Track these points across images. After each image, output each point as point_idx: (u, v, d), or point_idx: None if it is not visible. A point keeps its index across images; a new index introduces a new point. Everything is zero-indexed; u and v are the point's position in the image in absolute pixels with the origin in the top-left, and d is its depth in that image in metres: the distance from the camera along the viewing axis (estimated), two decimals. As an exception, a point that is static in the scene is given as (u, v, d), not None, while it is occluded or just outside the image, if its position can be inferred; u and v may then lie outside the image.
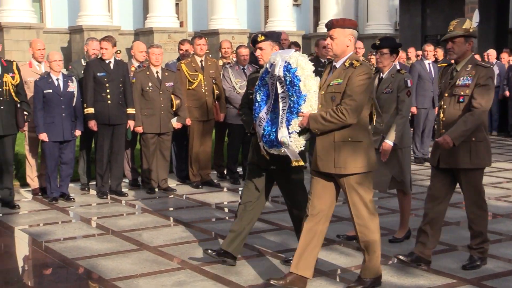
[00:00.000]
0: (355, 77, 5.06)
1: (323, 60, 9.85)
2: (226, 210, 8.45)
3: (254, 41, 5.93)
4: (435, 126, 6.11)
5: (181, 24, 35.26)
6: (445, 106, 5.79)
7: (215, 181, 9.90)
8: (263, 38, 5.85)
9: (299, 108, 5.18)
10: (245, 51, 9.70)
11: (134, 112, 8.90)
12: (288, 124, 5.23)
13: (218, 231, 7.18)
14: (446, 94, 5.78)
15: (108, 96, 8.72)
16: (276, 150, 5.37)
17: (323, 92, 5.21)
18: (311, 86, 5.23)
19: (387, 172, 6.52)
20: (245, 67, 9.71)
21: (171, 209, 8.49)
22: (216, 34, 33.92)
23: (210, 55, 10.32)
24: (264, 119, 5.50)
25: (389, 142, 6.40)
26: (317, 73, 5.38)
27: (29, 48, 9.18)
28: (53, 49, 9.62)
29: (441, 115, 5.83)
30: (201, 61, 9.48)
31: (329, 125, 5.05)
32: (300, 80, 5.21)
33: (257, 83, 5.66)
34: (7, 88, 8.01)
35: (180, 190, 9.46)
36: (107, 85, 8.71)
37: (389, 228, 7.03)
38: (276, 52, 5.51)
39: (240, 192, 9.25)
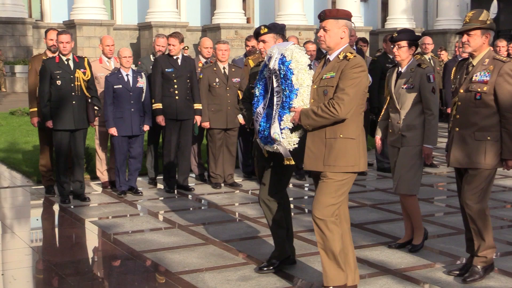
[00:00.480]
0: (348, 70, 4.75)
1: (391, 56, 9.72)
2: (291, 206, 8.43)
3: (257, 34, 5.75)
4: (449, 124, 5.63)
5: (248, 20, 35.32)
6: (459, 103, 5.38)
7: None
8: (266, 30, 5.64)
9: (290, 103, 4.96)
10: (312, 47, 9.63)
11: (201, 107, 8.96)
12: (280, 119, 5.01)
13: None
14: (462, 90, 5.36)
15: (176, 92, 8.79)
16: (270, 147, 5.19)
17: (315, 86, 4.92)
18: (304, 80, 4.99)
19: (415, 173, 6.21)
20: (312, 63, 9.65)
21: (236, 204, 8.52)
22: (283, 30, 33.84)
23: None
24: (261, 114, 5.32)
25: (429, 146, 6.11)
26: (385, 69, 5.29)
27: (99, 44, 9.36)
28: (122, 45, 9.77)
29: (454, 112, 5.44)
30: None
31: (321, 121, 4.75)
32: (293, 74, 5.00)
33: (257, 77, 5.54)
34: (79, 83, 8.17)
35: (245, 186, 9.47)
36: (174, 80, 8.78)
37: (458, 227, 6.79)
38: (275, 45, 5.35)
39: (306, 189, 9.28)
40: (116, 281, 5.76)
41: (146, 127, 8.82)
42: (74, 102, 8.13)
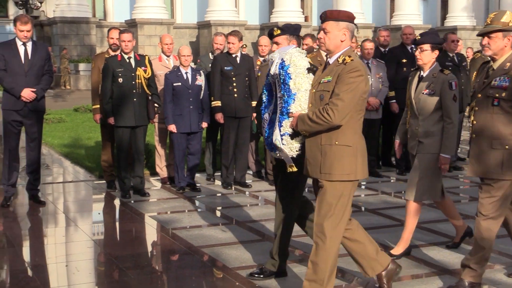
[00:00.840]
0: (344, 75, 4.49)
1: (451, 55, 9.58)
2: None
3: (270, 35, 5.51)
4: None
5: (305, 19, 35.24)
6: (477, 108, 5.04)
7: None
8: (279, 32, 5.40)
9: (288, 108, 4.77)
10: (369, 45, 9.55)
11: (259, 105, 8.96)
12: (280, 125, 4.84)
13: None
14: (480, 95, 5.02)
15: (235, 90, 8.81)
16: (274, 154, 5.06)
17: (314, 90, 4.69)
18: (301, 84, 4.79)
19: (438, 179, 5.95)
20: (369, 61, 9.57)
21: (293, 201, 8.47)
22: (341, 29, 33.70)
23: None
24: (267, 120, 5.17)
25: (446, 156, 5.80)
26: (445, 67, 5.11)
27: (159, 43, 9.44)
28: (182, 44, 9.85)
29: (472, 117, 5.09)
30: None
31: (315, 126, 4.51)
32: (290, 78, 4.81)
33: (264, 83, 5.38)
34: (140, 81, 8.25)
35: (302, 183, 9.42)
36: (233, 78, 8.81)
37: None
38: (277, 49, 5.18)
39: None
40: (174, 275, 5.81)
41: (204, 124, 8.86)
42: (135, 99, 8.23)
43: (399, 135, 6.31)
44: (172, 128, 8.61)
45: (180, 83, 8.56)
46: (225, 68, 8.81)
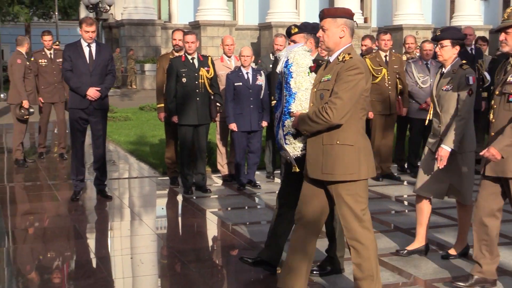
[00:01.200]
0: (343, 73, 4.30)
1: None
2: (405, 203, 8.27)
3: (288, 33, 5.28)
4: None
5: (365, 20, 34.92)
6: (495, 106, 4.81)
7: (396, 174, 9.73)
8: (296, 30, 5.17)
9: (289, 107, 4.66)
10: (429, 46, 9.40)
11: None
12: (283, 125, 4.73)
13: (397, 224, 7.06)
14: (497, 92, 4.80)
15: (294, 89, 8.81)
16: (281, 153, 4.96)
17: (315, 89, 4.52)
18: (302, 83, 4.66)
19: (445, 178, 5.64)
20: (428, 62, 9.44)
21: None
22: (400, 30, 33.30)
23: (393, 50, 10.14)
24: (277, 119, 4.97)
25: (445, 148, 5.43)
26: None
27: (221, 44, 9.50)
28: (244, 45, 9.89)
29: (491, 116, 4.86)
30: (385, 56, 9.35)
31: (315, 126, 4.35)
32: (292, 77, 4.70)
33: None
34: (203, 81, 8.31)
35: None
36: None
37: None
38: (286, 48, 5.05)
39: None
40: (234, 269, 5.84)
41: (264, 123, 8.85)
42: (198, 98, 8.29)
43: None
44: (233, 126, 8.64)
45: (241, 83, 8.59)
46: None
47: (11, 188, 9.24)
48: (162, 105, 8.90)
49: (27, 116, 10.55)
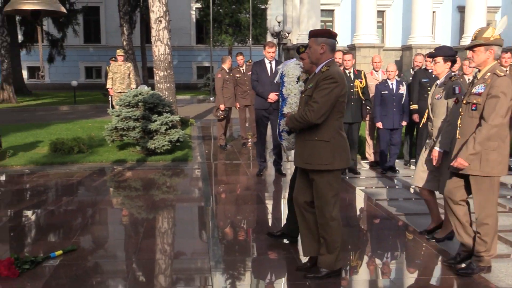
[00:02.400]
0: (320, 82, 4.13)
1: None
2: (519, 190, 7.66)
3: (297, 52, 5.10)
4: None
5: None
6: (462, 113, 4.45)
7: None
8: (303, 49, 4.96)
9: (282, 109, 4.63)
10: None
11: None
12: (279, 124, 4.72)
13: None
14: (464, 102, 4.44)
15: (429, 97, 8.48)
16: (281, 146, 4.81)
17: (303, 95, 4.37)
18: (291, 90, 4.61)
19: (438, 174, 5.23)
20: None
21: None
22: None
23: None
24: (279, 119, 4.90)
25: (437, 149, 5.09)
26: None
27: (371, 62, 9.36)
28: (389, 62, 9.64)
29: (459, 121, 4.48)
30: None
31: (298, 124, 4.22)
32: (284, 85, 4.65)
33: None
34: (356, 89, 8.34)
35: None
36: (429, 88, 8.45)
37: None
38: (283, 63, 4.93)
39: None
40: (376, 235, 5.71)
41: (404, 123, 8.69)
42: (352, 103, 8.26)
43: None
44: (379, 124, 8.56)
45: (386, 92, 8.46)
46: (423, 80, 8.50)
47: (215, 165, 9.68)
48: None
49: (222, 116, 10.98)
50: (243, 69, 11.08)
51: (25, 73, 34.32)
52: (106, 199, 7.20)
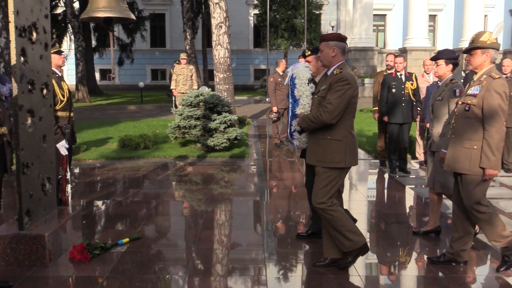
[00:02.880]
0: (333, 84, 4.08)
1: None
2: None
3: (303, 55, 5.03)
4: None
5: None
6: (457, 113, 4.30)
7: None
8: (309, 52, 4.91)
9: (294, 110, 4.59)
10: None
11: None
12: (291, 124, 4.66)
13: None
14: (460, 102, 4.31)
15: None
16: (291, 145, 4.87)
17: (315, 96, 4.32)
18: (303, 91, 4.57)
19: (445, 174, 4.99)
20: None
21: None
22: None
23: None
24: (290, 119, 4.82)
25: (444, 150, 4.70)
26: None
27: (422, 64, 9.14)
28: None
29: (453, 120, 4.34)
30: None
31: (312, 125, 4.17)
32: (295, 87, 4.61)
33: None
34: (407, 91, 8.14)
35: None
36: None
37: None
38: (292, 66, 4.81)
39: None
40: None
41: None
42: (403, 104, 8.10)
43: None
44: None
45: (437, 93, 8.20)
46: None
47: (270, 161, 9.70)
48: (376, 108, 8.76)
49: (275, 118, 10.96)
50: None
51: (97, 75, 35.48)
52: (169, 192, 7.34)
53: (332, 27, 28.61)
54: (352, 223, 4.31)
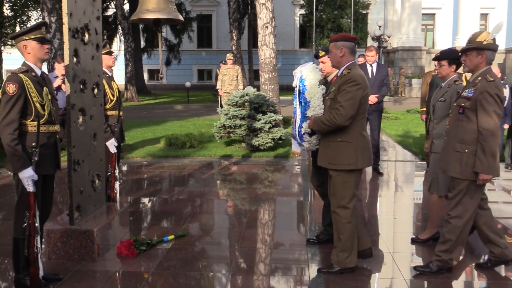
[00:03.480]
0: (342, 85, 4.03)
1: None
2: None
3: (316, 56, 4.89)
4: None
5: None
6: (451, 115, 4.21)
7: None
8: (323, 53, 4.74)
9: (305, 112, 4.46)
10: None
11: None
12: (300, 126, 4.53)
13: None
14: (455, 104, 4.19)
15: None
16: (301, 147, 4.75)
17: (327, 98, 4.25)
18: (314, 93, 4.44)
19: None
20: None
21: None
22: None
23: None
24: (295, 121, 4.72)
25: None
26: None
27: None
28: (493, 65, 9.07)
29: (447, 122, 4.28)
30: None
31: (325, 127, 4.10)
32: (306, 89, 4.48)
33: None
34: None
35: None
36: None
37: None
38: (299, 66, 4.63)
39: None
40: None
41: (506, 126, 8.12)
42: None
43: None
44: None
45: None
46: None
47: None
48: (424, 109, 8.53)
49: None
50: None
51: (145, 75, 36.21)
52: (214, 190, 7.41)
53: (380, 26, 28.16)
54: (355, 242, 4.24)
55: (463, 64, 4.23)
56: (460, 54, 4.38)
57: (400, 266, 4.45)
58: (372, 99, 7.92)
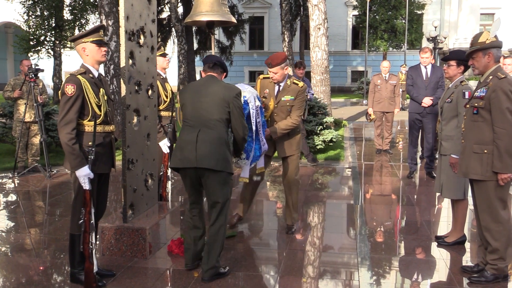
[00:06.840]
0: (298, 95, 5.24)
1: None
2: None
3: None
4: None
5: None
6: (465, 117, 4.14)
7: None
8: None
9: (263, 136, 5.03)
10: None
11: None
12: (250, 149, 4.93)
13: None
14: (468, 106, 4.12)
15: None
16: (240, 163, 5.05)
17: (276, 105, 5.24)
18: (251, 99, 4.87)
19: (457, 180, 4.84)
20: None
21: None
22: None
23: None
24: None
25: (453, 156, 4.74)
26: None
27: None
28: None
29: (462, 125, 4.21)
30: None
31: (286, 131, 5.24)
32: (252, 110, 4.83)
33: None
34: None
35: None
36: None
37: None
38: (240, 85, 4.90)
39: None
40: None
41: None
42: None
43: None
44: None
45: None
46: None
47: (366, 165, 9.51)
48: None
49: (370, 120, 10.65)
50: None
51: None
52: (263, 192, 7.43)
53: (435, 27, 27.43)
54: None
55: (472, 68, 4.17)
56: (467, 59, 4.29)
57: (454, 272, 4.30)
58: (427, 101, 7.73)
